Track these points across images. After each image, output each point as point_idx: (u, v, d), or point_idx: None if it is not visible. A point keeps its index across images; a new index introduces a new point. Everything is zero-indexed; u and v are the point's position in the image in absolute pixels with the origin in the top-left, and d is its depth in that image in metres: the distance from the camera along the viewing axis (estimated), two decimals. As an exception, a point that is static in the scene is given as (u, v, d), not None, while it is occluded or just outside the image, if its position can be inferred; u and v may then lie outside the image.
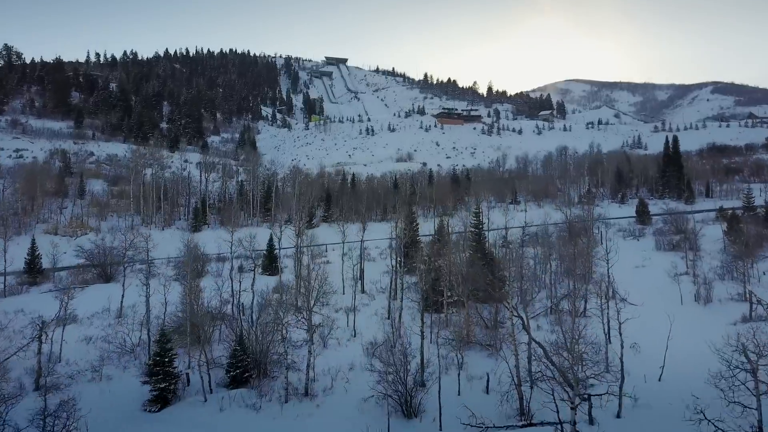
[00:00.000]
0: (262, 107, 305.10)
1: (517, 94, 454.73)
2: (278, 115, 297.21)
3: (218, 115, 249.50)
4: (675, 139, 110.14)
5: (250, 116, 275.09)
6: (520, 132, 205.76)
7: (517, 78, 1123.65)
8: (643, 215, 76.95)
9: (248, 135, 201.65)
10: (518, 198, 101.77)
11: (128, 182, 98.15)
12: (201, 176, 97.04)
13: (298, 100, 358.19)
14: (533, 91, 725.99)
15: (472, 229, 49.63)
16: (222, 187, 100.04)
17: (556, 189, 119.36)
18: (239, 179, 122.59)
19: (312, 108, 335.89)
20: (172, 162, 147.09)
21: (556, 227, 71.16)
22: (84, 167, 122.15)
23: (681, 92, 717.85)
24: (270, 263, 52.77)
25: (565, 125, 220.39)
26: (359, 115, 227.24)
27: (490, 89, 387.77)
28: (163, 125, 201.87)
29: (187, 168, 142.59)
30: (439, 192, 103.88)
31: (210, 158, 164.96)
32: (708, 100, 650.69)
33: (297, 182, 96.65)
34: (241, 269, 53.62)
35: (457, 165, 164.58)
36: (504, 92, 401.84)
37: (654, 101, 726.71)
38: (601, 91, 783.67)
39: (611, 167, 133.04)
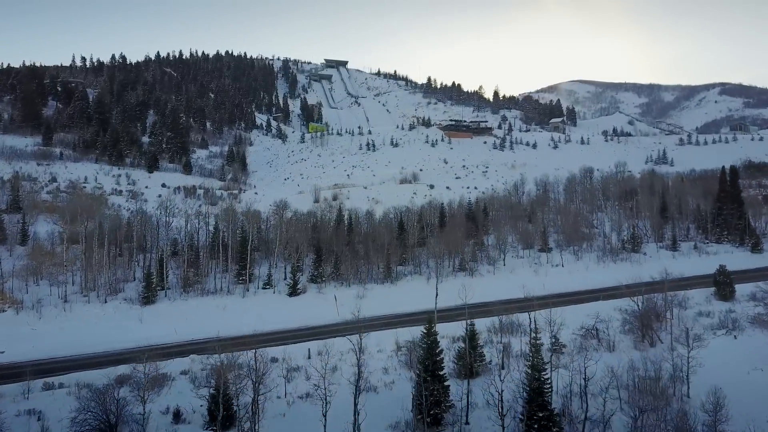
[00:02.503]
0: (256, 114, 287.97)
1: (525, 98, 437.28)
2: (273, 123, 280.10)
3: (208, 125, 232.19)
4: (733, 170, 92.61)
5: (243, 125, 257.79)
6: (534, 146, 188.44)
7: (522, 79, 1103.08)
8: (724, 287, 59.56)
9: (238, 149, 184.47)
10: (549, 243, 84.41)
11: (87, 217, 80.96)
12: (158, 222, 78.58)
13: (295, 106, 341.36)
14: (538, 92, 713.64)
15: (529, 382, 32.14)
16: (187, 229, 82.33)
17: (589, 224, 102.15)
18: (217, 213, 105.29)
19: (310, 115, 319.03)
20: (146, 187, 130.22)
21: (617, 309, 53.79)
22: (37, 199, 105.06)
23: (687, 93, 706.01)
24: (220, 411, 35.35)
25: (582, 137, 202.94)
26: (359, 127, 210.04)
27: (496, 94, 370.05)
28: (146, 139, 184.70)
29: (162, 195, 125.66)
30: (452, 232, 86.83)
31: (192, 180, 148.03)
32: (716, 102, 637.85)
33: (280, 231, 79.25)
34: (178, 417, 36.26)
35: (468, 187, 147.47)
36: (512, 97, 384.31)
37: (660, 102, 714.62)
38: (606, 92, 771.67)
39: (649, 196, 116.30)
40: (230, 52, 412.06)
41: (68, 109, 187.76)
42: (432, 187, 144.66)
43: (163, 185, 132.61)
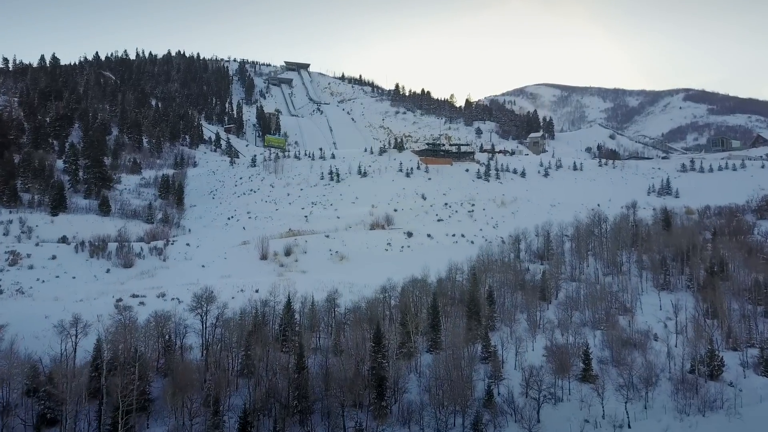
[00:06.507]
0: (205, 126, 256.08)
1: (491, 101, 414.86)
2: (224, 135, 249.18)
3: (144, 141, 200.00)
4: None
5: (188, 140, 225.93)
6: (523, 174, 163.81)
7: (489, 81, 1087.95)
8: None
9: (174, 177, 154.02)
10: (592, 365, 58.65)
11: None
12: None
13: (251, 114, 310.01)
14: (504, 95, 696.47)
15: None
16: (45, 353, 53.31)
17: (622, 307, 77.32)
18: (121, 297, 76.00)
19: (267, 125, 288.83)
20: (37, 245, 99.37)
21: None
22: None
23: (652, 99, 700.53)
24: None
25: (575, 163, 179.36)
26: (321, 150, 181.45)
27: (468, 103, 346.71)
28: (62, 164, 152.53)
29: (57, 256, 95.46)
30: (449, 334, 61.31)
31: (109, 224, 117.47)
32: (680, 108, 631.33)
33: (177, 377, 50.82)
34: None
35: (453, 235, 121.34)
36: (485, 106, 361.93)
37: (625, 107, 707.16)
38: (571, 96, 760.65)
39: (683, 253, 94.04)
40: (182, 53, 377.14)
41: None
42: (410, 235, 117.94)
43: (63, 239, 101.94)
